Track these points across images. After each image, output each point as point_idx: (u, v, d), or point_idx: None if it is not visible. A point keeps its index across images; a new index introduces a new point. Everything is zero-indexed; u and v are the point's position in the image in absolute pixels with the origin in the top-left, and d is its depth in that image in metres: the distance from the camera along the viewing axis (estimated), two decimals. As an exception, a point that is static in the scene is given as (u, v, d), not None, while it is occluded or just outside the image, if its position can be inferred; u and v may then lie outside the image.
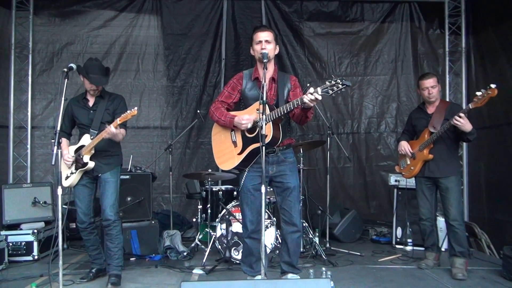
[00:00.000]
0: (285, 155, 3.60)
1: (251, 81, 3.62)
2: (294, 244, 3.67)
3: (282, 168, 3.57)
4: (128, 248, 4.95)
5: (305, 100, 3.17)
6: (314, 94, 3.13)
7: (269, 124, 3.33)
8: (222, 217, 4.85)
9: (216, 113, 3.62)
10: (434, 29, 6.52)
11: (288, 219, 3.60)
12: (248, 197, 3.58)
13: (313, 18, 6.64)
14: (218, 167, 3.82)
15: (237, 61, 6.66)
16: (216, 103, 3.70)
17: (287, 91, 3.61)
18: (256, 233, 3.59)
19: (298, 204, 3.66)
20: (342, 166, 6.67)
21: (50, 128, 6.25)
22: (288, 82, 3.64)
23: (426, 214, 4.50)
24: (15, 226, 5.04)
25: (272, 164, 3.55)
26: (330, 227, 5.58)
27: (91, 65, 3.95)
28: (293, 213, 3.59)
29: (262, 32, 3.55)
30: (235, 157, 3.55)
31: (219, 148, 3.68)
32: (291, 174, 3.61)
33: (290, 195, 3.59)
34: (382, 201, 6.53)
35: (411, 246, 5.34)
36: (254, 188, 3.54)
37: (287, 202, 3.59)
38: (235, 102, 3.69)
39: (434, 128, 4.30)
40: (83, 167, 3.89)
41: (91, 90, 3.99)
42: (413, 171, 4.49)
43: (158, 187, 6.39)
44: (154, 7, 6.53)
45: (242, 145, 3.52)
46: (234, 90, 3.68)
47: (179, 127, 6.58)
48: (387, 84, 6.65)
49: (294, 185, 3.59)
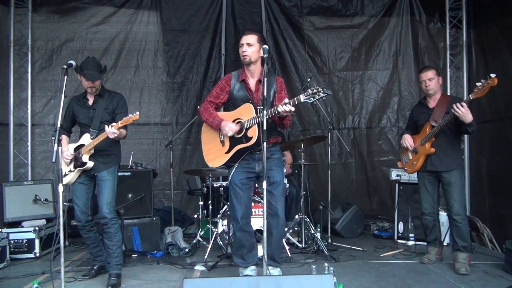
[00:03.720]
0: (271, 153, 3.71)
1: (238, 83, 3.73)
2: (279, 238, 3.81)
3: (268, 165, 3.61)
4: (129, 245, 4.95)
5: (279, 109, 3.35)
6: (288, 106, 3.30)
7: (255, 127, 3.51)
8: (224, 213, 4.84)
9: (205, 114, 3.80)
10: (435, 23, 6.49)
11: (274, 212, 3.69)
12: (237, 191, 3.72)
13: (313, 12, 6.61)
14: (206, 163, 3.91)
15: (237, 57, 6.43)
16: (205, 103, 3.86)
17: (273, 92, 3.71)
18: (247, 226, 3.76)
19: (282, 198, 3.77)
20: (343, 161, 6.66)
21: (50, 125, 6.24)
22: (274, 83, 3.72)
23: (428, 208, 4.48)
24: (17, 224, 5.04)
25: (259, 161, 3.67)
26: (331, 222, 5.56)
27: (86, 62, 3.96)
28: (278, 206, 3.70)
29: (244, 35, 3.70)
30: (222, 155, 3.72)
31: (208, 146, 3.87)
32: (276, 169, 3.73)
33: (276, 189, 3.69)
34: (384, 196, 6.52)
35: (413, 241, 5.32)
36: (241, 183, 3.70)
37: (272, 195, 3.67)
38: (223, 102, 3.86)
39: (436, 122, 4.28)
40: (81, 166, 3.88)
41: (88, 88, 3.97)
42: (416, 165, 4.47)
43: (159, 183, 6.39)
44: (153, 3, 6.51)
45: (230, 144, 3.69)
46: (223, 91, 3.81)
47: (180, 123, 6.57)
48: (388, 79, 6.62)
49: (279, 179, 3.71)
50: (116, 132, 3.70)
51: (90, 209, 4.01)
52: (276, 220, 3.70)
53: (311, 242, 5.04)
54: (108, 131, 3.69)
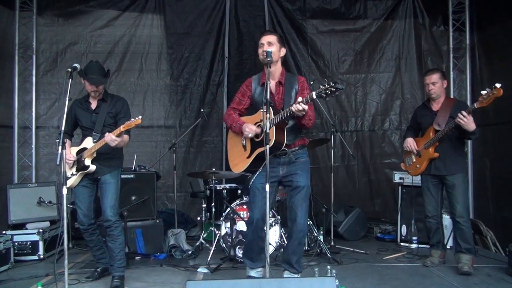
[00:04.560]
0: (297, 156, 3.62)
1: (259, 86, 3.66)
2: (296, 244, 3.67)
3: (293, 168, 3.59)
4: (133, 247, 4.96)
5: (293, 109, 3.26)
6: (301, 104, 3.20)
7: (272, 129, 3.39)
8: (227, 215, 4.84)
9: (228, 120, 3.75)
10: (438, 26, 6.47)
11: (293, 218, 3.60)
12: (256, 195, 3.61)
13: (316, 15, 6.61)
14: (231, 169, 3.82)
15: (240, 60, 6.66)
16: (229, 109, 3.83)
17: (295, 93, 3.58)
18: (260, 231, 3.65)
19: (305, 204, 3.61)
20: (346, 164, 6.65)
21: (55, 128, 6.26)
22: (295, 83, 3.62)
23: (432, 211, 4.48)
24: (21, 226, 5.06)
25: (283, 165, 3.60)
26: (334, 225, 5.57)
27: (90, 67, 3.96)
28: (298, 212, 3.58)
29: (264, 36, 3.64)
30: (244, 160, 3.64)
31: (232, 151, 3.81)
32: (302, 173, 3.61)
33: (298, 194, 3.58)
34: (387, 198, 6.50)
35: (416, 243, 5.32)
36: (262, 187, 3.48)
37: (293, 200, 3.60)
38: (246, 108, 3.79)
39: (439, 126, 4.28)
40: (84, 169, 3.89)
41: (92, 92, 3.97)
42: (419, 169, 4.47)
43: (162, 186, 6.41)
44: (157, 6, 6.53)
45: (250, 149, 3.61)
46: (244, 96, 3.75)
47: (183, 126, 6.58)
48: (391, 82, 6.61)
49: (303, 184, 3.58)
50: (116, 140, 3.68)
51: (93, 212, 4.02)
52: (294, 225, 3.59)
53: (314, 245, 5.03)
54: (108, 139, 3.67)
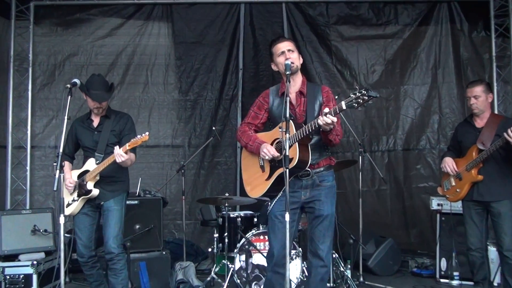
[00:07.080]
0: (322, 178, 3.52)
1: (278, 97, 3.61)
2: (318, 280, 3.57)
3: (316, 193, 3.50)
4: (136, 282, 4.95)
5: (320, 122, 3.14)
6: (329, 116, 3.09)
7: (295, 146, 3.27)
8: (241, 247, 4.82)
9: (243, 137, 3.65)
10: (479, 32, 6.47)
11: (314, 251, 3.54)
12: (275, 224, 3.51)
13: (340, 21, 6.65)
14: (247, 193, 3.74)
15: (257, 71, 6.70)
16: (243, 125, 3.74)
17: (319, 105, 3.49)
18: (282, 267, 3.50)
19: (329, 236, 3.53)
20: (376, 189, 6.60)
21: (52, 148, 6.37)
22: (319, 94, 3.55)
23: (475, 243, 4.38)
24: (13, 257, 5.07)
25: (306, 189, 3.50)
26: (363, 258, 5.52)
27: (92, 81, 4.02)
28: (321, 245, 3.51)
29: (282, 42, 3.57)
30: (263, 183, 3.53)
31: (248, 174, 3.70)
32: (326, 200, 3.51)
33: (321, 224, 3.50)
34: (424, 228, 6.42)
35: (457, 280, 5.23)
36: (282, 215, 3.37)
37: (315, 231, 3.52)
38: (263, 122, 3.70)
39: (483, 145, 4.22)
40: (86, 194, 3.92)
41: (94, 109, 4.04)
42: (459, 193, 4.40)
43: (169, 212, 6.42)
44: (164, 14, 6.64)
45: (270, 169, 3.49)
46: (261, 110, 3.68)
47: (193, 146, 6.63)
48: (427, 94, 6.59)
49: (327, 213, 3.49)
50: (124, 156, 3.71)
51: (94, 243, 4.04)
52: (315, 260, 3.52)
53: (340, 281, 4.98)
54: (116, 152, 3.70)
